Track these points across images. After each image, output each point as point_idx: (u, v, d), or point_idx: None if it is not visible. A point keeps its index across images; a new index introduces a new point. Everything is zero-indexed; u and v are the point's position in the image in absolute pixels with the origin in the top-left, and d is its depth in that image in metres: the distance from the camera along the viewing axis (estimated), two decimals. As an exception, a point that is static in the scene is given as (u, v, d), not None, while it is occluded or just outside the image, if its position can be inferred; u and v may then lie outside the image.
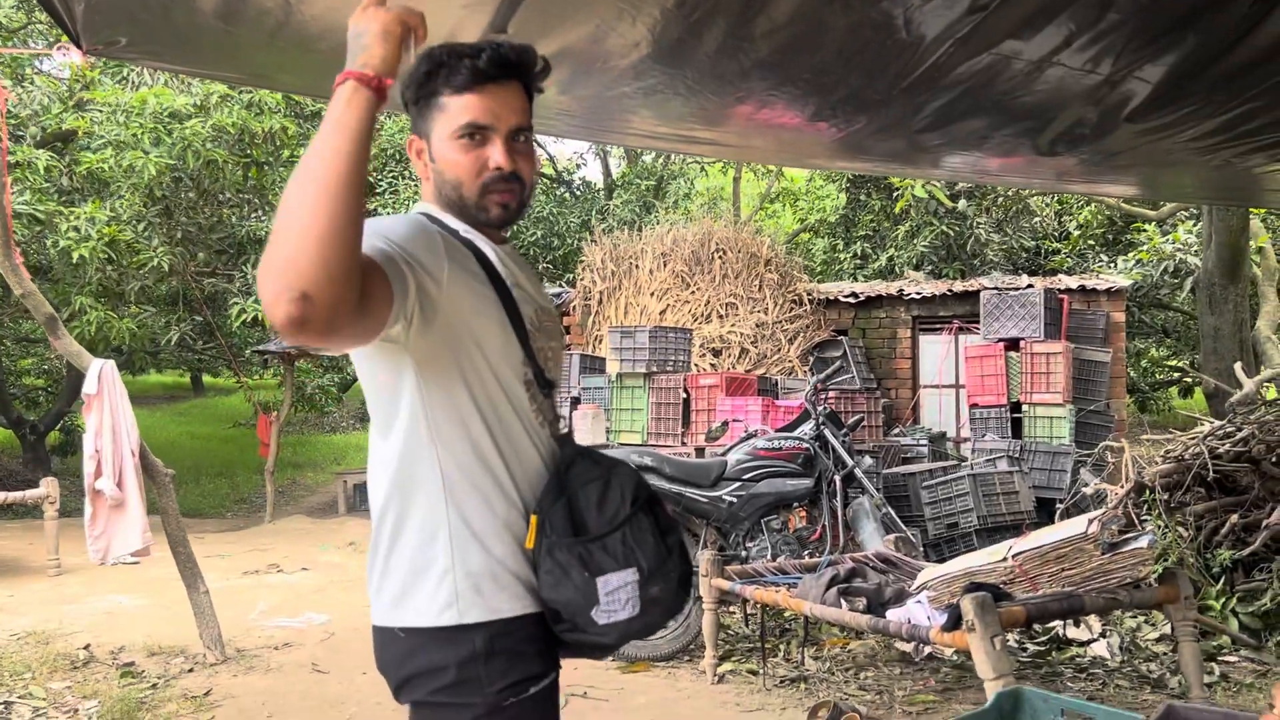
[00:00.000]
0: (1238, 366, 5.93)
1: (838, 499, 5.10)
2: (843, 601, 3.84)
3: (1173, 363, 16.58)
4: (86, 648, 5.06)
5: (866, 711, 3.79)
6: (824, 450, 5.25)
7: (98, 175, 9.16)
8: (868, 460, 5.49)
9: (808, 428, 5.32)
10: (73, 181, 9.59)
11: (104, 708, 4.19)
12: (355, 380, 18.75)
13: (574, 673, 4.58)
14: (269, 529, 10.23)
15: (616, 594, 1.48)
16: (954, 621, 3.32)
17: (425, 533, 1.48)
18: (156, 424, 18.17)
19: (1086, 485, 6.28)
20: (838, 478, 5.15)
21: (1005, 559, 3.53)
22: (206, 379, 24.93)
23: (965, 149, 3.56)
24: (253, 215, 11.40)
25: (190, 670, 4.77)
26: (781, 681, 4.36)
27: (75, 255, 8.65)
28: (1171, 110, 2.75)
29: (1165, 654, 4.40)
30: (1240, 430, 5.04)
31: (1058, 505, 6.28)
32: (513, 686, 1.46)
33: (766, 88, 2.75)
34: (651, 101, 3.09)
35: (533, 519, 1.49)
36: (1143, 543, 3.44)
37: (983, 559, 3.65)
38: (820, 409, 5.35)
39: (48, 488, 7.10)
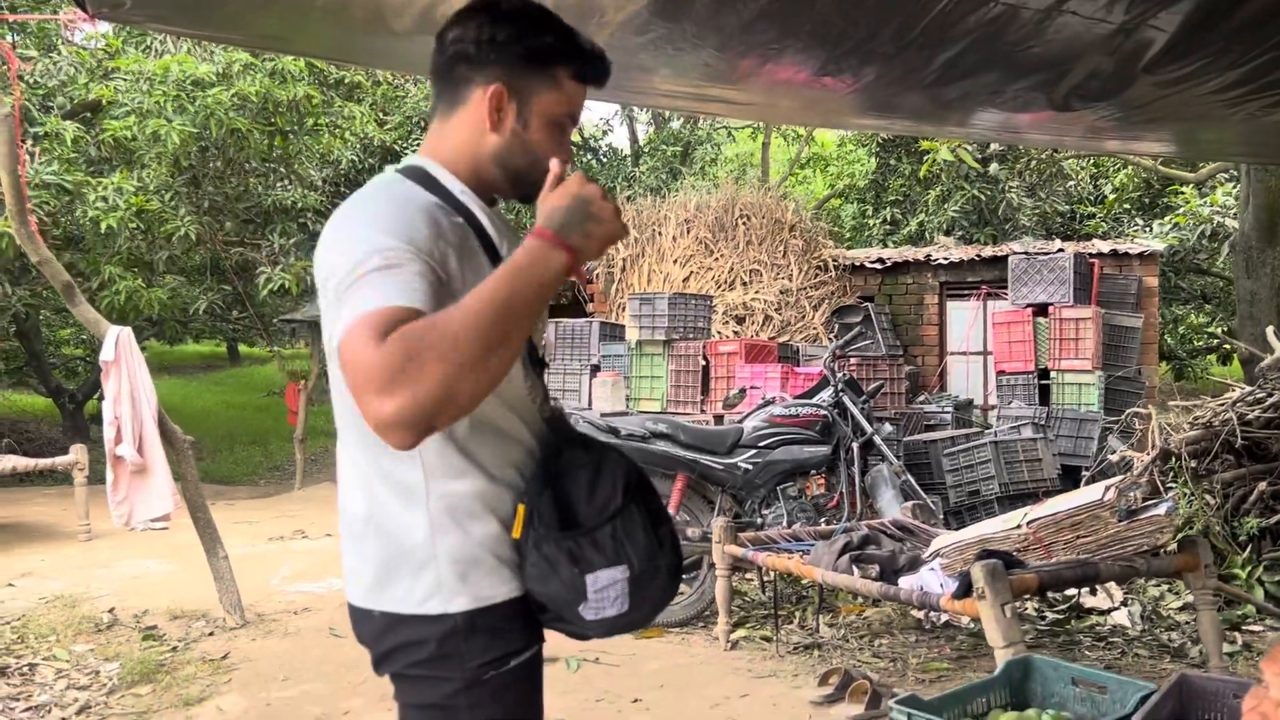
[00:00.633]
0: (1270, 331, 5.77)
1: (855, 466, 5.04)
2: (855, 568, 3.80)
3: (1211, 329, 16.25)
4: (111, 611, 5.14)
5: (878, 679, 3.76)
6: (843, 417, 5.19)
7: (124, 145, 9.22)
8: (887, 427, 5.42)
9: (826, 394, 5.26)
10: (100, 151, 9.65)
11: (124, 669, 4.26)
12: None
13: (598, 642, 4.59)
14: (298, 496, 10.35)
15: (605, 591, 1.43)
16: (964, 589, 3.26)
17: (403, 519, 1.41)
18: (192, 393, 18.42)
19: (1113, 453, 6.17)
20: (856, 445, 5.09)
21: (1019, 526, 3.47)
22: (242, 348, 25.20)
23: (983, 105, 3.46)
24: (278, 184, 11.43)
25: (210, 634, 4.82)
26: (795, 648, 4.33)
27: (104, 225, 8.72)
28: (1190, 61, 2.64)
29: (1187, 623, 4.32)
30: (1271, 395, 4.91)
31: (1083, 473, 6.18)
32: (494, 661, 1.42)
33: (769, 40, 2.67)
34: (660, 59, 3.02)
35: (520, 509, 1.43)
36: (1161, 510, 3.36)
37: (996, 526, 3.59)
38: (839, 375, 5.28)
39: (77, 454, 7.20)
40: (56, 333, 15.43)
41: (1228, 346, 17.57)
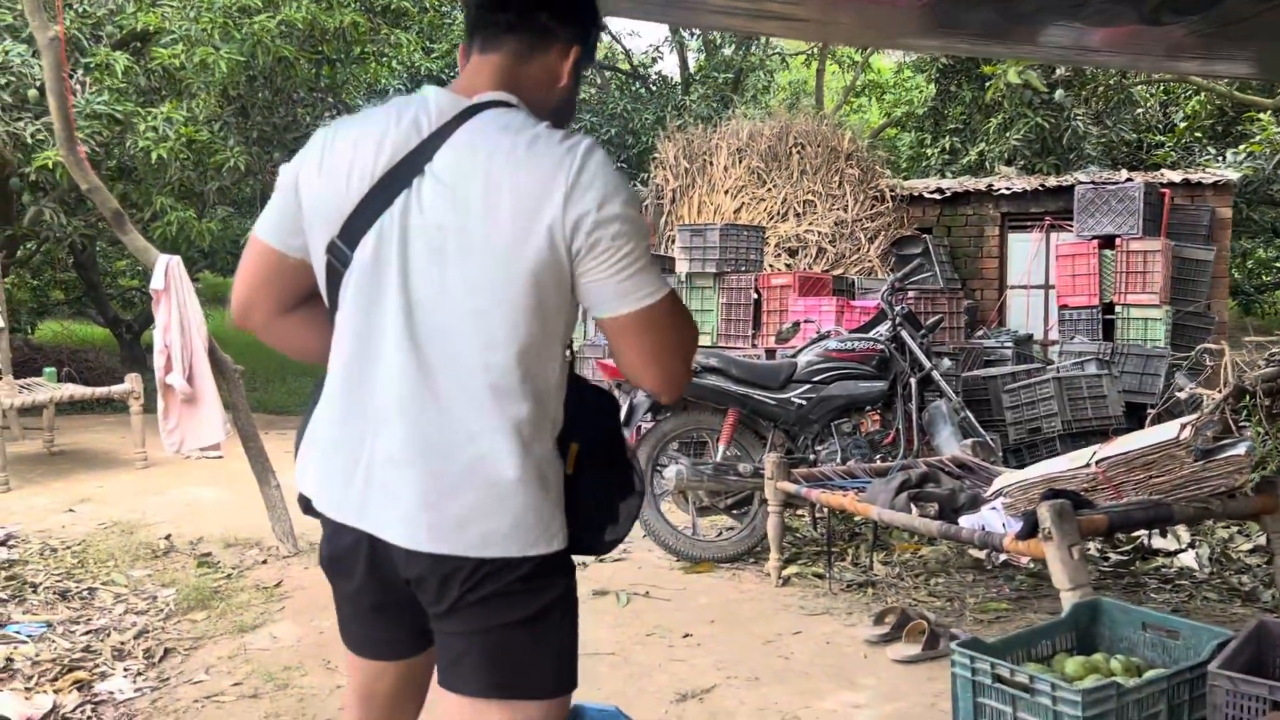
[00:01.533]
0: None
1: (913, 402, 4.90)
2: (913, 507, 3.69)
3: (1280, 264, 15.70)
4: (168, 538, 5.21)
5: (934, 619, 3.68)
6: (900, 352, 5.05)
7: (173, 75, 9.17)
8: (946, 362, 5.27)
9: (883, 329, 5.11)
10: (150, 81, 9.61)
11: (180, 595, 4.31)
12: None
13: (637, 572, 4.56)
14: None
15: (628, 515, 1.64)
16: (1029, 529, 3.15)
17: (539, 459, 1.48)
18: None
19: (1180, 390, 5.95)
20: (914, 380, 4.95)
21: (1088, 465, 3.34)
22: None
23: (1061, 19, 3.24)
24: (326, 114, 11.35)
25: (264, 562, 4.87)
26: (848, 586, 4.26)
27: (154, 156, 8.71)
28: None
29: (1259, 566, 4.17)
30: (1355, 332, 4.67)
31: (1149, 410, 5.98)
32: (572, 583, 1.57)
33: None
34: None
35: (573, 447, 1.55)
36: (1240, 450, 3.20)
37: (1064, 465, 3.45)
38: (897, 309, 5.13)
39: (132, 383, 7.29)
40: (113, 264, 15.62)
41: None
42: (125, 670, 3.60)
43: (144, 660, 3.68)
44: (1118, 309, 7.13)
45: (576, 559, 1.57)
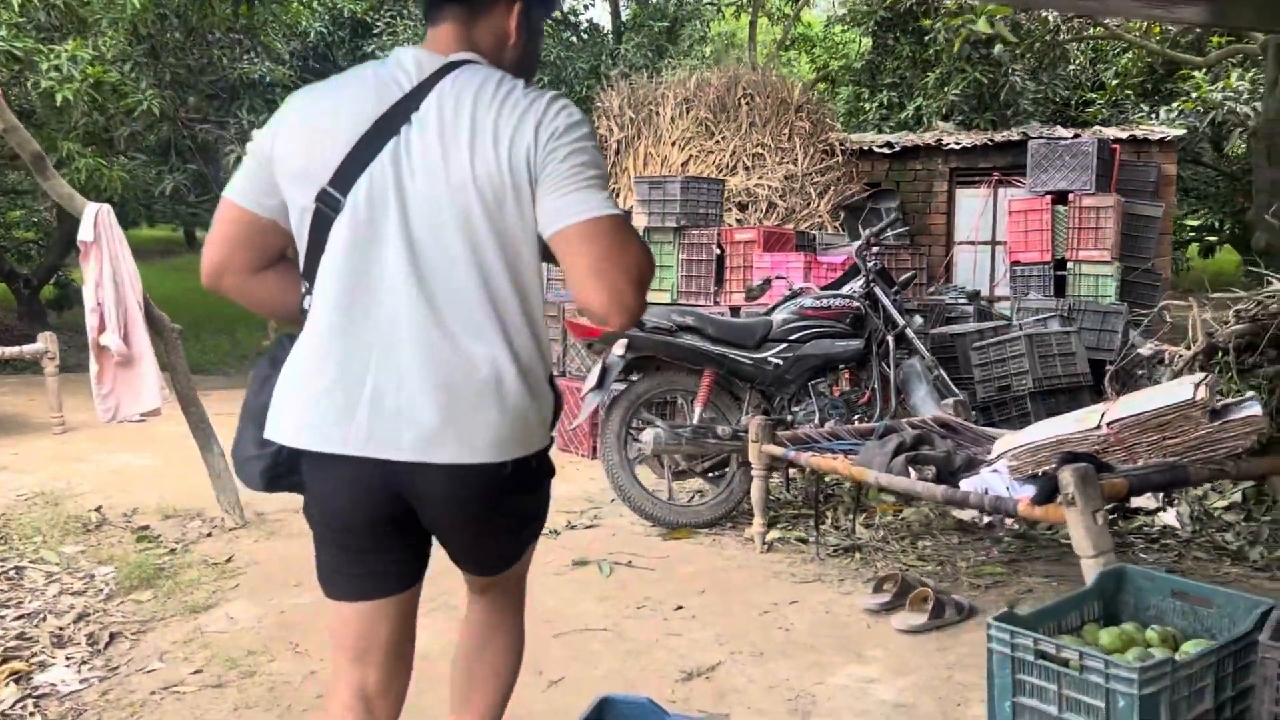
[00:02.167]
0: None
1: (890, 360, 4.78)
2: (910, 470, 3.57)
3: (1190, 222, 16.10)
4: (98, 509, 4.83)
5: (935, 585, 3.57)
6: (874, 309, 4.92)
7: (76, 10, 8.49)
8: (918, 320, 5.15)
9: (857, 285, 4.97)
10: (51, 17, 8.90)
11: (121, 573, 3.98)
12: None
13: (613, 539, 4.37)
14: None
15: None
16: (1047, 493, 3.05)
17: (541, 380, 1.70)
18: (153, 278, 17.66)
19: (1139, 347, 5.97)
20: (890, 338, 4.83)
21: (1099, 427, 3.24)
22: (200, 233, 24.37)
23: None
24: (245, 57, 10.71)
25: (209, 535, 4.55)
26: (834, 551, 4.14)
27: (59, 98, 8.07)
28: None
29: (1238, 523, 4.17)
30: (1326, 288, 4.69)
31: (1108, 367, 5.99)
32: None
33: None
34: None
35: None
36: (1255, 409, 3.14)
37: (1071, 426, 3.35)
38: (871, 265, 4.99)
39: (46, 343, 6.78)
40: (7, 215, 14.67)
41: (1213, 239, 17.51)
42: (68, 659, 3.28)
43: (88, 647, 3.36)
44: (1070, 265, 7.13)
45: (548, 529, 1.85)
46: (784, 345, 4.68)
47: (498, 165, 1.55)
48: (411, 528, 1.71)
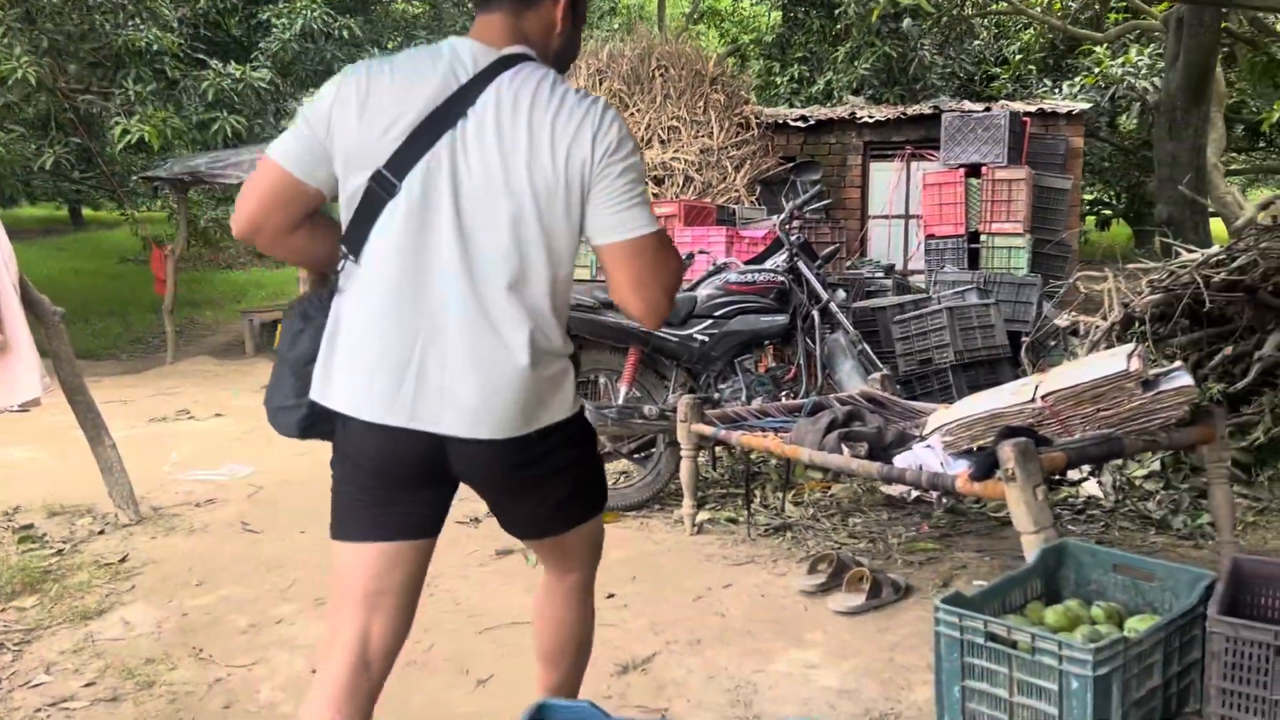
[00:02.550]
0: (1235, 190, 5.64)
1: (816, 336, 4.71)
2: (844, 447, 3.48)
3: (1086, 196, 16.56)
4: (-26, 509, 4.48)
5: (870, 563, 3.51)
6: (798, 284, 4.83)
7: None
8: (840, 294, 5.10)
9: (780, 259, 4.87)
10: (-90, -23, 8.26)
11: (1, 578, 3.66)
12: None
13: (537, 526, 4.20)
14: (171, 371, 9.52)
15: None
16: (985, 469, 2.99)
17: (564, 362, 1.81)
18: (34, 259, 16.76)
19: (1054, 318, 6.03)
20: (815, 313, 4.75)
21: (1034, 400, 3.19)
22: (86, 212, 23.20)
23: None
24: (130, 23, 10.11)
25: (101, 532, 4.24)
26: (765, 530, 4.05)
27: (-78, 64, 7.50)
28: None
29: (1159, 491, 4.21)
30: (1235, 259, 4.76)
31: (1024, 338, 6.04)
32: None
33: None
34: None
35: None
36: (1186, 379, 3.13)
37: (1005, 400, 3.29)
38: (794, 238, 4.90)
39: (-87, 330, 6.27)
40: None
41: (1108, 213, 18.05)
42: (-57, 676, 2.99)
43: (-36, 662, 3.07)
44: (983, 238, 7.18)
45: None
46: (709, 322, 4.57)
47: (554, 171, 1.66)
48: (442, 478, 1.79)
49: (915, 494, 4.28)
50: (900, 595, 3.33)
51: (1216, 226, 8.84)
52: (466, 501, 4.60)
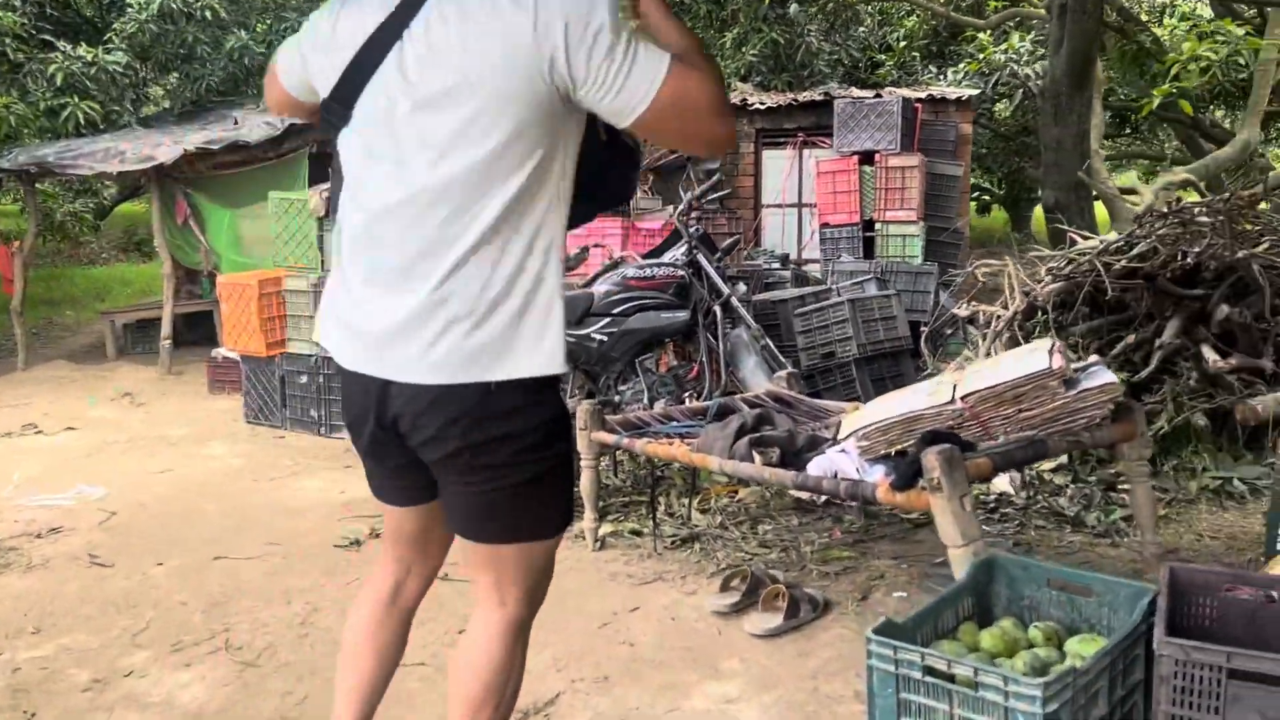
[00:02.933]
0: (1133, 176, 5.64)
1: (719, 332, 4.49)
2: (755, 454, 3.26)
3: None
4: None
5: (785, 577, 3.30)
6: (697, 278, 4.60)
7: None
8: (741, 287, 4.90)
9: (679, 252, 4.64)
10: None
11: None
12: (114, 206, 16.46)
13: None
14: (22, 379, 8.74)
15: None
16: (908, 478, 2.80)
17: (522, 298, 1.64)
18: None
19: (952, 307, 5.95)
20: (717, 308, 4.53)
21: (953, 401, 3.01)
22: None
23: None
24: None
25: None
26: (671, 542, 3.80)
27: None
28: None
29: (1067, 485, 4.13)
30: (1135, 246, 4.73)
31: (922, 328, 5.95)
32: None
33: None
34: None
35: None
36: (1108, 376, 3.00)
37: (922, 401, 3.11)
38: (693, 230, 4.67)
39: None
40: None
41: (986, 198, 18.45)
42: None
43: None
44: (878, 226, 7.09)
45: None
46: (607, 320, 4.30)
47: (504, 72, 1.54)
48: (396, 452, 1.77)
49: (824, 497, 4.10)
50: (819, 612, 3.13)
51: (1099, 211, 8.98)
52: (345, 520, 4.24)
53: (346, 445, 5.56)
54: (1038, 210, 17.86)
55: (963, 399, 3.00)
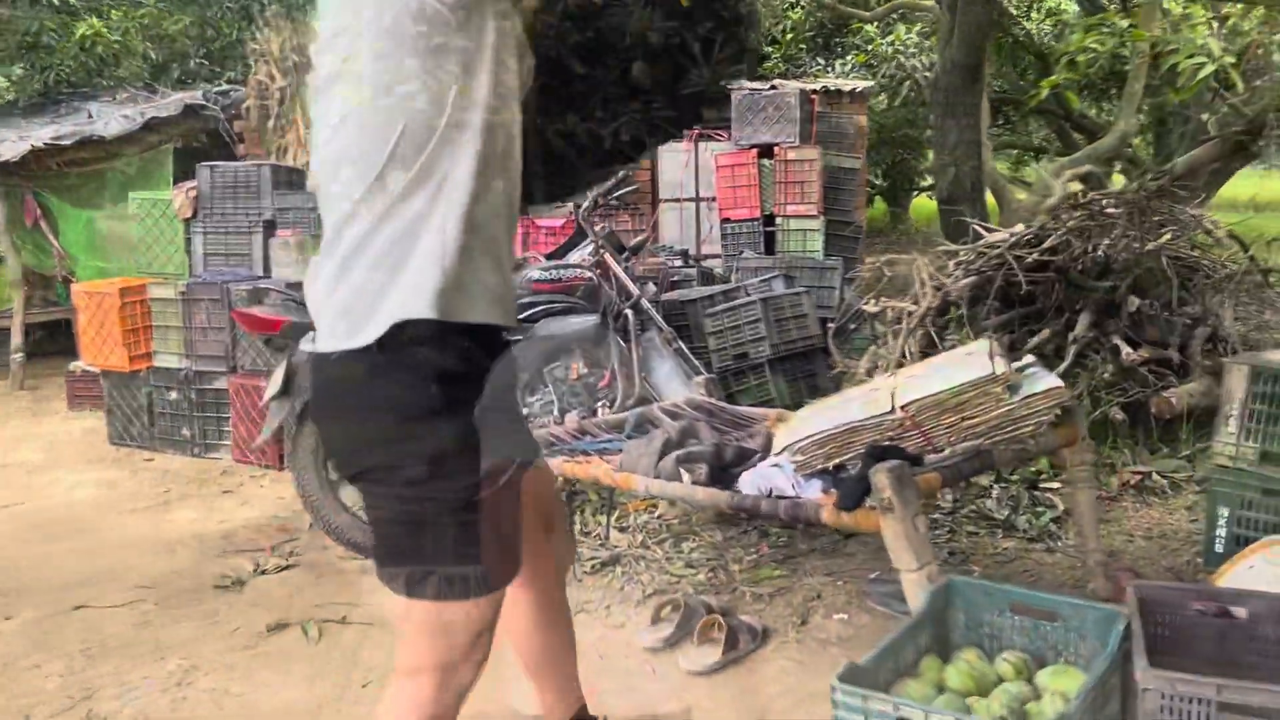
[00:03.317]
0: (1042, 169, 5.61)
1: (632, 337, 4.24)
2: (682, 472, 3.03)
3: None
4: None
5: (718, 603, 3.08)
6: (605, 279, 4.34)
7: None
8: (651, 288, 4.65)
9: (585, 252, 4.37)
10: None
11: None
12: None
13: (317, 585, 3.53)
14: None
15: None
16: (855, 497, 2.60)
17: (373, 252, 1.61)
18: None
19: (857, 303, 5.85)
20: (628, 311, 4.28)
21: (893, 410, 2.83)
22: None
23: None
24: None
25: None
26: (591, 567, 3.54)
27: None
28: None
29: (992, 486, 4.02)
30: (1045, 239, 4.67)
31: (829, 325, 5.82)
32: None
33: None
34: None
35: None
36: (1051, 379, 2.87)
37: (859, 411, 2.93)
38: (599, 228, 4.41)
39: None
40: None
41: (870, 191, 18.67)
42: None
43: None
44: (779, 220, 6.95)
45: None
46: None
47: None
48: None
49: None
50: (758, 643, 2.92)
51: (990, 202, 9.07)
52: (225, 555, 3.84)
53: (223, 466, 5.12)
54: (916, 201, 18.22)
55: (903, 408, 2.83)
